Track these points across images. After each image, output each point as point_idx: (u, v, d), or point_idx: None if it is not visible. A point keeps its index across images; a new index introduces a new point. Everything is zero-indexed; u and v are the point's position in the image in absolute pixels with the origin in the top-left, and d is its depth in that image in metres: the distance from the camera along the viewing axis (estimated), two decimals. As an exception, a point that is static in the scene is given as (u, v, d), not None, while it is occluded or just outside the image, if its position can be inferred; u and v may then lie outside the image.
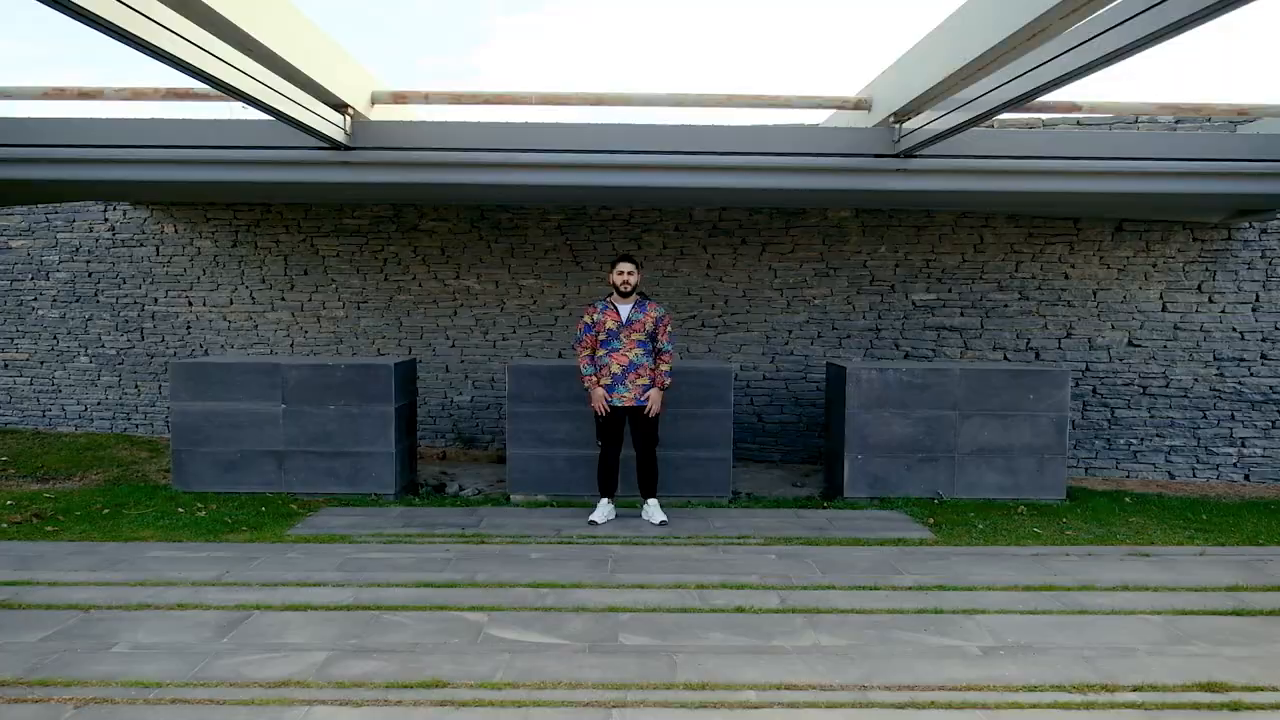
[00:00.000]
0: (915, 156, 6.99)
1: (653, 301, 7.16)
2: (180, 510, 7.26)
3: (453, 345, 10.42)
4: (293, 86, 5.95)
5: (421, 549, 6.30)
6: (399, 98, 7.00)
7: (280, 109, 5.92)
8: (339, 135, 6.58)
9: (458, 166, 7.02)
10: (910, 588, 5.60)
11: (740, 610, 5.12)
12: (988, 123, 6.68)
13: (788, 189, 7.42)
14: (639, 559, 6.13)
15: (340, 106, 6.50)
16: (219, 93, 5.71)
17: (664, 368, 7.01)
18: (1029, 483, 8.13)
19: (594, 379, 7.00)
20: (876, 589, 5.57)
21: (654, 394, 6.99)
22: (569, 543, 6.54)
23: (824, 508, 7.87)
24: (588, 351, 7.04)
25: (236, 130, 6.91)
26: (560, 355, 10.30)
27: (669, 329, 7.10)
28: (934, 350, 9.92)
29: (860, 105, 7.25)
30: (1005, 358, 9.85)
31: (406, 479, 8.29)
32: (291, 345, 10.59)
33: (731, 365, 7.99)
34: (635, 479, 7.35)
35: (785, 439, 10.12)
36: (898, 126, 6.87)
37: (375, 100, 6.98)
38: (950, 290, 9.89)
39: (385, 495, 7.89)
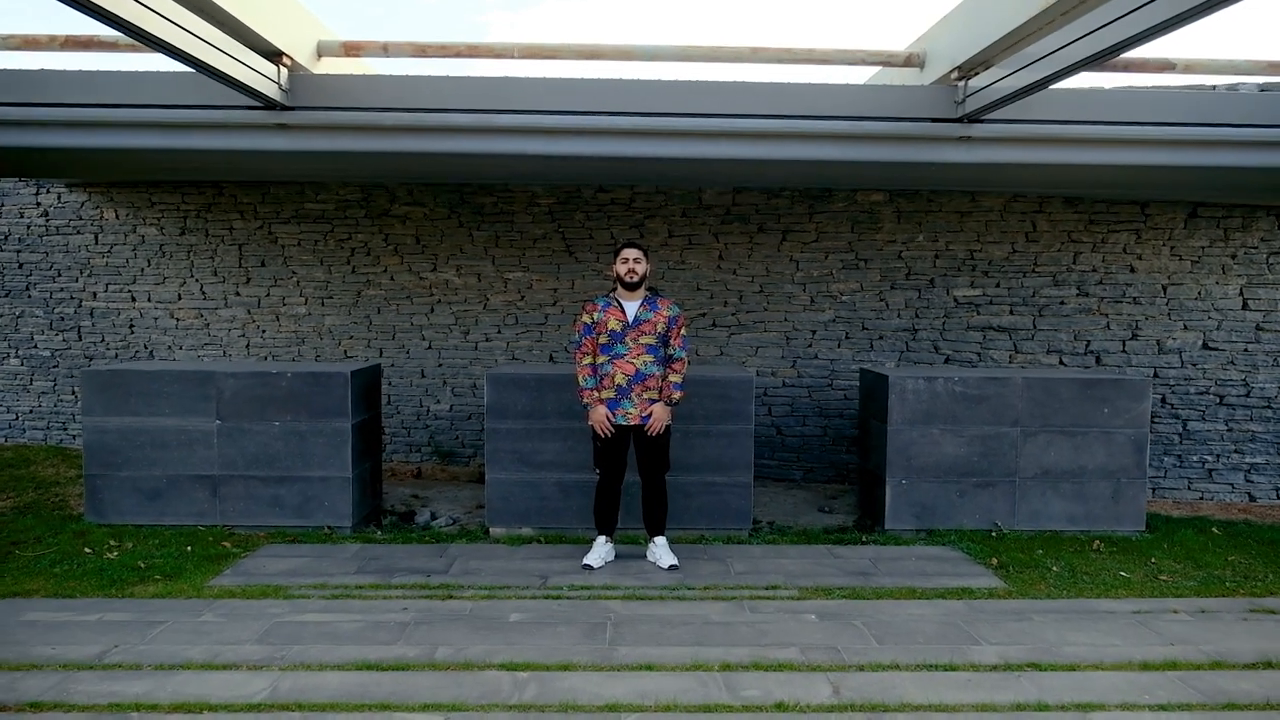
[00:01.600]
0: (982, 121, 5.72)
1: (665, 297, 5.91)
2: (88, 550, 5.99)
3: (429, 347, 9.16)
4: (213, 29, 4.69)
5: (373, 606, 5.04)
6: (351, 49, 5.73)
7: (198, 56, 4.65)
8: (272, 91, 5.30)
9: (422, 131, 5.74)
10: (995, 666, 4.35)
11: (781, 708, 3.85)
12: (1067, 80, 5.41)
13: (822, 161, 6.14)
14: (645, 622, 4.87)
15: (274, 55, 5.22)
16: (129, 39, 4.45)
17: (674, 378, 5.75)
18: (1102, 512, 6.88)
19: (595, 393, 5.74)
20: (953, 669, 4.31)
21: (657, 408, 5.73)
22: (558, 596, 5.28)
23: (862, 543, 6.62)
24: (588, 359, 5.79)
25: (148, 85, 5.61)
26: (552, 359, 9.04)
27: (684, 331, 5.84)
28: (978, 354, 8.66)
29: (911, 61, 6.00)
30: (1061, 362, 8.60)
31: (367, 507, 7.02)
32: (247, 346, 9.33)
33: (750, 372, 6.75)
34: (639, 509, 6.12)
35: (808, 455, 8.86)
36: (962, 84, 5.60)
37: (322, 52, 5.71)
38: (998, 285, 8.63)
39: (340, 529, 6.62)
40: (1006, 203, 8.58)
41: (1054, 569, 5.99)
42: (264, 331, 9.32)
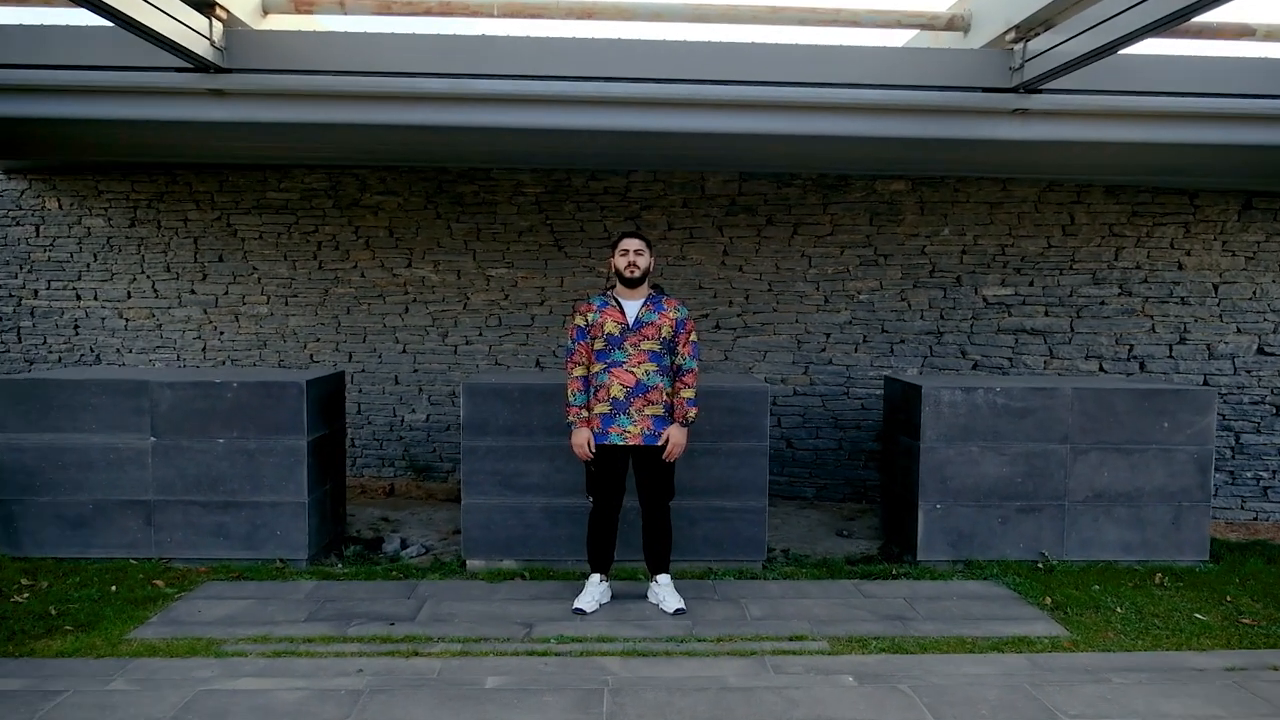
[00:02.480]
0: (1039, 91, 4.90)
1: (671, 297, 5.07)
2: (-6, 591, 5.12)
3: (404, 350, 8.30)
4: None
5: (322, 667, 4.19)
6: (302, 4, 4.88)
7: (115, 6, 3.80)
8: (204, 49, 4.44)
9: (385, 100, 4.89)
10: (1083, 751, 3.52)
11: (830, 820, 3.02)
12: (1134, 46, 4.59)
13: (848, 138, 5.33)
14: (649, 688, 4.03)
15: (205, 6, 4.36)
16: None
17: (686, 394, 4.91)
18: (1161, 540, 6.08)
19: (583, 412, 4.90)
20: (1032, 756, 3.48)
21: (673, 432, 4.90)
22: (545, 652, 4.44)
23: (893, 576, 5.80)
24: (580, 369, 4.95)
25: (57, 41, 4.72)
26: (539, 364, 8.19)
27: (693, 337, 5.01)
28: (1010, 360, 7.85)
29: (954, 24, 5.20)
30: (1101, 369, 7.80)
31: (327, 535, 6.17)
32: (204, 350, 8.46)
33: (764, 383, 5.94)
34: (637, 538, 5.30)
35: (822, 470, 8.04)
36: (1019, 48, 4.78)
37: (268, 7, 4.87)
38: (1032, 284, 7.82)
39: (294, 561, 5.77)
40: (1041, 192, 7.77)
41: (1118, 610, 5.18)
42: (222, 333, 8.45)
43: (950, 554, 6.00)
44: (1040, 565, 5.95)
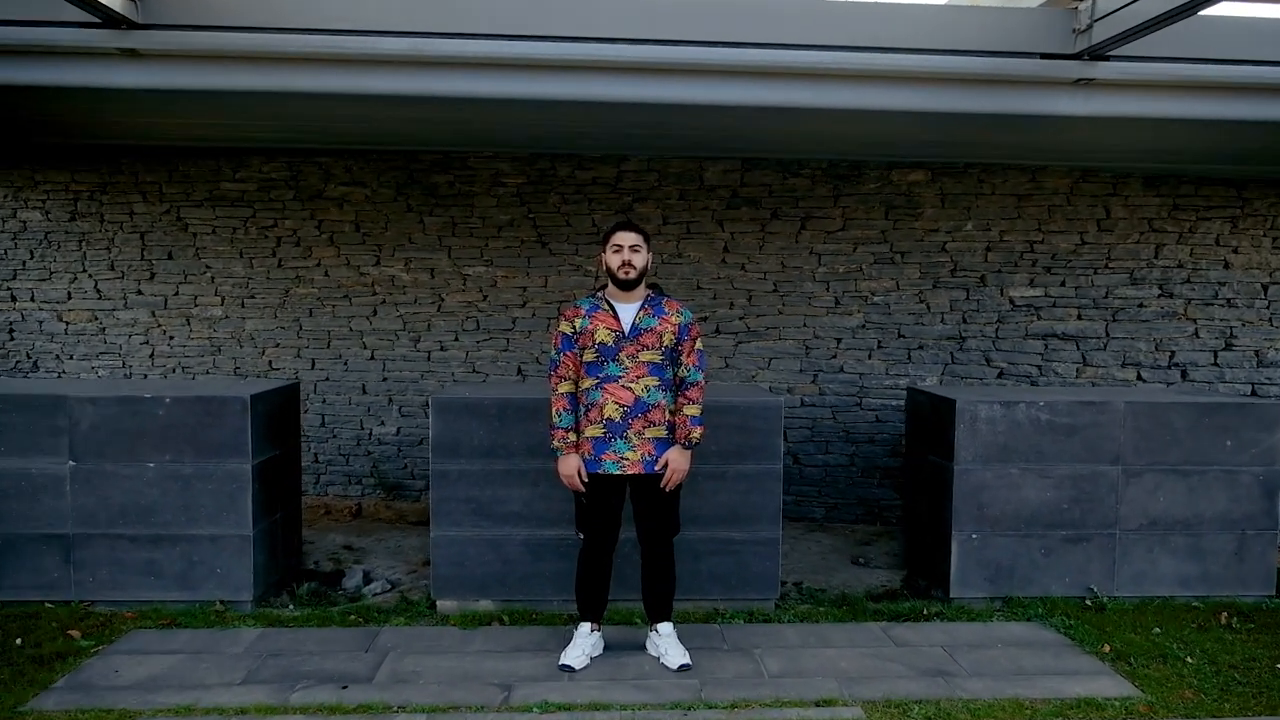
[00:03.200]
0: (1109, 59, 4.18)
1: (672, 299, 4.33)
2: (-125, 646, 4.34)
3: (371, 357, 7.54)
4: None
5: (253, 752, 3.44)
6: (237, -50, 4.09)
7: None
8: (114, 1, 3.66)
9: (334, 63, 4.12)
10: None
11: None
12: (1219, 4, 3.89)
13: (874, 113, 4.60)
14: (654, 778, 3.29)
15: (115, -53, 3.59)
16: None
17: (691, 411, 4.17)
18: (1223, 572, 5.40)
19: (570, 435, 4.15)
20: None
21: (673, 455, 4.16)
22: (525, 725, 3.70)
23: (924, 617, 5.08)
24: (567, 385, 4.20)
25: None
26: (520, 373, 7.44)
27: (699, 345, 4.27)
28: (1039, 367, 7.16)
29: (1000, -18, 4.46)
30: (1139, 377, 7.11)
31: (277, 572, 5.40)
32: (151, 356, 7.67)
33: (777, 397, 5.23)
34: (632, 574, 4.58)
35: (832, 489, 7.32)
36: (1084, 6, 4.06)
37: (197, -44, 4.08)
38: (1063, 284, 7.13)
39: (236, 604, 5.00)
40: (1074, 183, 7.08)
41: (1188, 660, 4.48)
42: (172, 338, 7.66)
43: (987, 590, 5.29)
44: (1089, 603, 5.25)
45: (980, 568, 5.28)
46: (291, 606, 5.14)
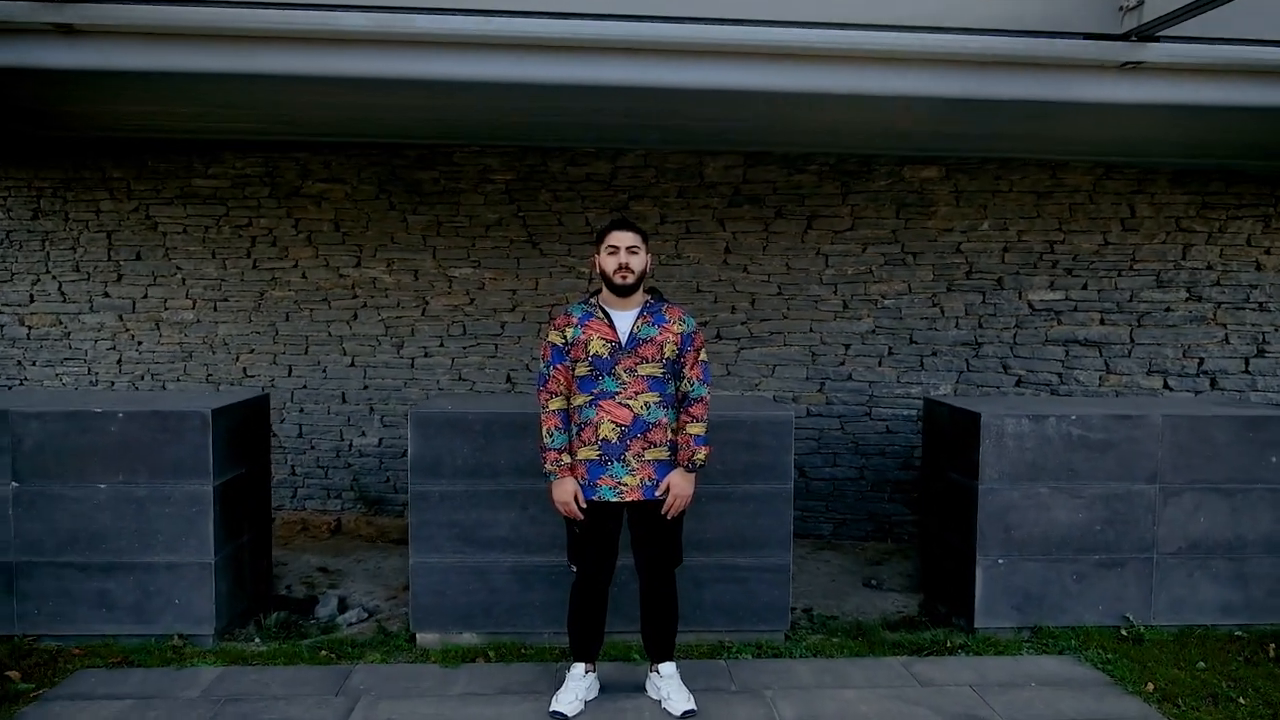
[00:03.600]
0: (1158, 39, 3.77)
1: (674, 305, 3.91)
2: None
3: (352, 363, 7.11)
4: None
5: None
6: (191, -83, 3.66)
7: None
8: (44, -31, 3.23)
9: (292, 41, 3.68)
10: None
11: None
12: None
13: (894, 98, 4.18)
14: None
15: (44, -93, 3.16)
16: None
17: (695, 429, 3.75)
18: (1267, 598, 5.01)
19: (565, 457, 3.73)
20: None
21: (675, 479, 3.74)
22: (511, 788, 3.27)
23: (947, 649, 4.68)
24: (559, 401, 3.78)
25: None
26: (510, 380, 7.02)
27: (703, 356, 3.85)
28: (1059, 375, 6.76)
29: (1034, -44, 4.04)
30: (1166, 385, 6.71)
31: (243, 601, 4.97)
32: (119, 362, 7.24)
33: (788, 410, 4.82)
34: (629, 604, 4.17)
35: (839, 504, 6.91)
36: (1132, -22, 3.66)
37: (145, -78, 3.65)
38: (1085, 286, 6.73)
39: (198, 638, 4.57)
40: (1097, 180, 6.68)
41: (1242, 702, 4.09)
42: (140, 343, 7.23)
43: (1015, 619, 4.88)
44: (1125, 633, 4.85)
45: (1007, 595, 4.87)
46: (258, 640, 4.71)
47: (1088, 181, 6.67)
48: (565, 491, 3.70)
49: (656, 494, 3.72)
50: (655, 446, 3.71)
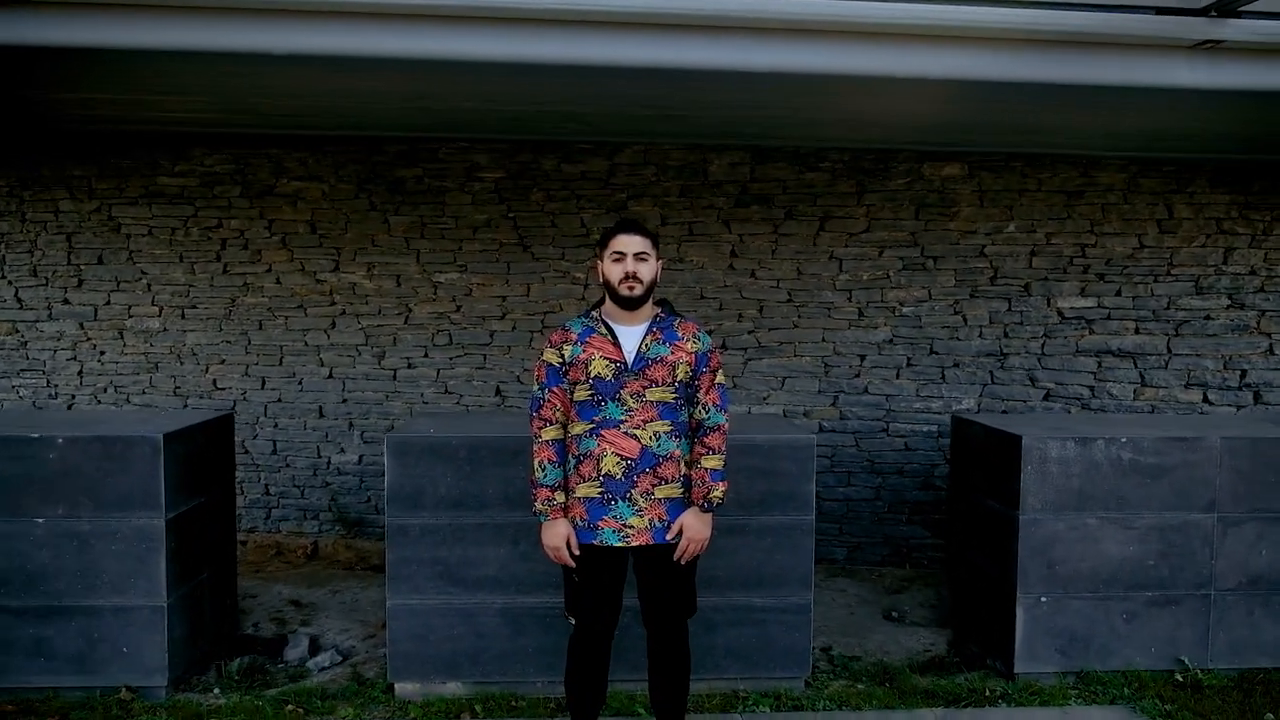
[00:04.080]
0: (1240, 15, 3.30)
1: (686, 319, 3.42)
2: None
3: (330, 375, 6.62)
4: None
5: None
6: None
7: None
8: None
9: (248, 13, 3.19)
10: None
11: None
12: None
13: (931, 81, 3.71)
14: None
15: None
16: None
17: (711, 463, 3.25)
18: (1332, 639, 4.54)
19: (557, 496, 3.24)
20: None
21: (689, 520, 3.25)
22: None
23: (985, 699, 4.20)
24: (553, 430, 3.28)
25: None
26: (499, 394, 6.53)
27: (720, 378, 3.36)
28: (1091, 388, 6.30)
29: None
30: (1205, 399, 6.26)
31: (202, 646, 4.47)
32: (80, 374, 6.74)
33: (809, 432, 4.34)
34: (631, 653, 3.68)
35: (855, 526, 6.44)
36: (1214, -57, 3.19)
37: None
38: (1119, 293, 6.27)
39: (149, 690, 4.08)
40: (1131, 178, 6.23)
41: (1324, 764, 3.62)
42: (103, 353, 6.73)
43: (1059, 663, 4.41)
44: (1181, 678, 4.39)
45: (1050, 637, 4.40)
46: (217, 690, 4.21)
47: (1121, 180, 6.21)
48: (556, 536, 3.20)
49: (668, 537, 3.23)
50: (666, 483, 3.21)
